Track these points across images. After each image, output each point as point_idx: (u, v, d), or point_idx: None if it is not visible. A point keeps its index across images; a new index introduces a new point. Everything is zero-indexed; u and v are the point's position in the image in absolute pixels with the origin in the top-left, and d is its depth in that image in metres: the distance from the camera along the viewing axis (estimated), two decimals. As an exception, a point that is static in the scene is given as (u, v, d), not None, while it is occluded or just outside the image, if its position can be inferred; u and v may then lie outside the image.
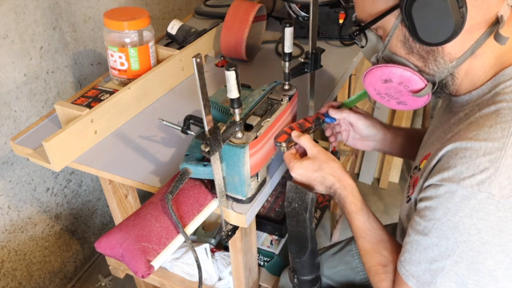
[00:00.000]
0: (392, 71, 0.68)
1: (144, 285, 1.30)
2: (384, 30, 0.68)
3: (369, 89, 0.75)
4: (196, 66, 0.57)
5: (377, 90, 0.74)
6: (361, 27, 0.70)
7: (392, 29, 0.66)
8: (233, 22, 1.15)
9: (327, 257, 1.10)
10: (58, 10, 1.24)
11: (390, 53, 0.69)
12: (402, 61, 0.68)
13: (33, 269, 1.43)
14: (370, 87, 0.74)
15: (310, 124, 0.87)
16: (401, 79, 0.68)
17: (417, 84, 0.68)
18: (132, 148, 0.94)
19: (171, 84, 1.13)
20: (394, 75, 0.68)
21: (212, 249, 1.17)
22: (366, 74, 0.72)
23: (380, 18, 0.66)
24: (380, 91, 0.73)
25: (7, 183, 1.25)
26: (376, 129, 0.93)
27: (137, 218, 0.73)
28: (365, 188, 2.12)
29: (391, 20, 0.65)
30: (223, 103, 0.82)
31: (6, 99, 1.17)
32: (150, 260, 0.69)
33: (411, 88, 0.69)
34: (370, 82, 0.73)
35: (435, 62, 0.66)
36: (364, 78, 0.73)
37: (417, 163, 0.77)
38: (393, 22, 0.65)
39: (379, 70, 0.70)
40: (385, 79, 0.70)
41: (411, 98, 0.71)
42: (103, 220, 1.71)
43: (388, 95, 0.73)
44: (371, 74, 0.71)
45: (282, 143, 0.81)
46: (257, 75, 1.17)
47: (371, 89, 0.74)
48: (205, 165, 0.75)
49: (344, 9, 1.21)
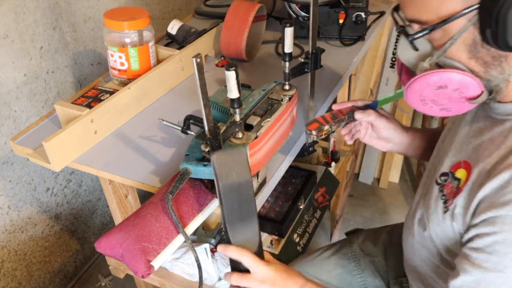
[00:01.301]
0: (451, 77, 0.63)
1: (144, 285, 1.30)
2: (445, 32, 0.63)
3: (412, 96, 0.69)
4: (196, 66, 0.57)
5: (423, 97, 0.68)
6: (426, 29, 0.63)
7: (460, 32, 0.61)
8: (233, 22, 1.15)
9: (322, 260, 1.08)
10: (58, 10, 1.24)
11: (445, 58, 0.65)
12: (459, 66, 0.64)
13: (33, 269, 1.43)
14: (415, 93, 0.68)
15: (343, 116, 0.85)
16: (459, 86, 0.64)
17: (474, 90, 0.64)
18: (132, 148, 0.94)
19: (171, 84, 1.13)
20: (452, 81, 0.64)
21: (212, 249, 1.17)
22: (416, 80, 0.66)
23: (452, 19, 0.60)
24: (426, 97, 0.68)
25: (7, 183, 1.25)
26: (396, 132, 0.92)
27: (137, 218, 0.72)
28: (365, 188, 2.12)
29: (460, 23, 0.60)
30: (223, 103, 0.82)
31: (6, 99, 1.17)
32: (150, 260, 0.69)
33: (466, 95, 0.64)
34: (419, 88, 0.67)
35: (498, 68, 0.62)
36: (412, 84, 0.67)
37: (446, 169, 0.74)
38: (462, 25, 0.60)
39: (435, 75, 0.64)
40: (440, 85, 0.65)
41: (459, 104, 0.67)
42: (103, 220, 1.71)
43: (433, 102, 0.68)
44: (423, 80, 0.66)
45: (312, 131, 0.80)
46: (257, 75, 1.17)
47: (416, 96, 0.68)
48: (205, 165, 0.75)
49: (344, 9, 1.21)
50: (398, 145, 0.95)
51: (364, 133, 0.93)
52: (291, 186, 1.36)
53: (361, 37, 1.28)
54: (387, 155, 2.06)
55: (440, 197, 0.74)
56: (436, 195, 0.75)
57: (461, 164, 0.71)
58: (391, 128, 0.91)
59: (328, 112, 0.86)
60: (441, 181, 0.75)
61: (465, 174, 0.69)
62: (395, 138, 0.93)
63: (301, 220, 1.31)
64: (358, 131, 0.93)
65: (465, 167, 0.69)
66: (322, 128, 0.81)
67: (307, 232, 1.31)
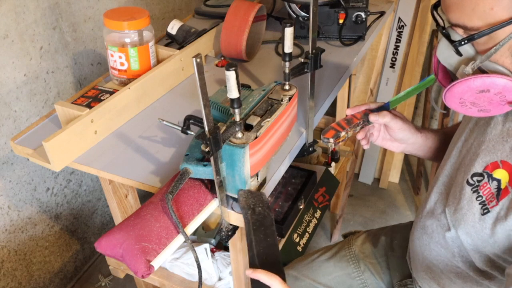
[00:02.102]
0: (495, 82, 0.63)
1: (144, 285, 1.30)
2: (491, 38, 0.63)
3: (452, 99, 0.68)
4: (196, 66, 0.57)
5: (463, 99, 0.68)
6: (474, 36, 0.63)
7: (507, 39, 0.61)
8: (233, 22, 1.15)
9: (321, 262, 1.07)
10: (58, 10, 1.24)
11: (489, 62, 0.65)
12: (503, 70, 0.64)
13: (33, 269, 1.43)
14: (455, 96, 0.68)
15: (358, 120, 0.85)
16: (502, 90, 0.64)
17: None
18: (132, 148, 0.94)
19: (171, 84, 1.13)
20: (495, 85, 0.63)
21: (212, 249, 1.17)
22: (458, 84, 0.66)
23: (500, 27, 0.60)
24: (466, 100, 0.68)
25: (7, 183, 1.25)
26: (411, 133, 0.92)
27: (137, 218, 0.73)
28: (365, 188, 2.12)
29: (507, 30, 0.60)
30: (223, 103, 0.82)
31: (6, 99, 1.17)
32: (150, 260, 0.69)
33: (508, 98, 0.65)
34: (460, 91, 0.67)
35: None
36: (453, 87, 0.67)
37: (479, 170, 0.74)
38: (509, 31, 0.60)
39: (479, 80, 0.64)
40: (482, 90, 0.65)
41: (499, 106, 0.67)
42: (103, 220, 1.71)
43: (473, 104, 0.68)
44: (465, 84, 0.65)
45: (330, 139, 0.80)
46: (257, 75, 1.17)
47: (456, 99, 0.68)
48: (205, 165, 0.75)
49: (344, 9, 1.21)
50: (411, 146, 0.94)
51: (377, 135, 0.93)
52: (291, 186, 1.36)
53: (361, 37, 1.28)
54: (387, 155, 2.06)
55: (475, 198, 0.73)
56: (470, 196, 0.74)
57: (498, 164, 0.70)
58: (406, 129, 0.90)
59: (342, 118, 0.86)
60: (474, 182, 0.74)
61: (506, 174, 0.69)
62: (409, 139, 0.92)
63: (301, 220, 1.31)
64: (371, 134, 0.93)
65: (505, 167, 0.69)
66: (339, 135, 0.82)
67: (307, 232, 1.31)
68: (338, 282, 1.04)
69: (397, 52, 1.91)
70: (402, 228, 1.07)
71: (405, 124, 0.90)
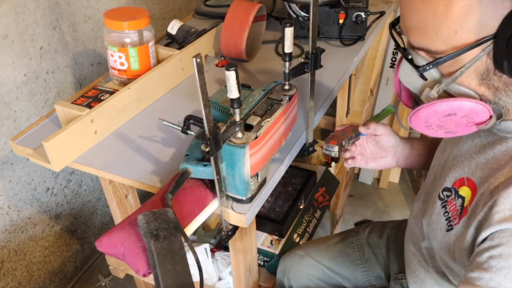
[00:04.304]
0: (461, 105, 0.61)
1: (144, 285, 1.30)
2: (457, 61, 0.60)
3: (417, 122, 0.66)
4: (196, 66, 0.57)
5: (429, 123, 0.66)
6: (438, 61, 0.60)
7: (472, 61, 0.58)
8: (233, 22, 1.15)
9: (328, 246, 1.11)
10: (58, 10, 1.24)
11: (455, 84, 0.62)
12: (469, 93, 0.62)
13: (33, 269, 1.43)
14: (421, 121, 0.66)
15: (351, 133, 0.89)
16: (468, 113, 0.61)
17: (484, 116, 0.62)
18: (132, 148, 0.94)
19: (171, 84, 1.13)
20: (462, 109, 0.61)
21: (212, 249, 1.17)
22: (423, 108, 0.64)
23: (465, 50, 0.57)
24: (432, 123, 0.66)
25: (7, 183, 1.25)
26: (399, 139, 0.94)
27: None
28: (365, 188, 2.12)
29: (473, 52, 0.58)
30: (223, 103, 0.82)
31: (6, 99, 1.17)
32: (150, 260, 0.68)
33: (475, 121, 0.63)
34: (426, 116, 0.64)
35: (509, 93, 0.60)
36: (418, 112, 0.64)
37: (449, 185, 0.73)
38: (475, 54, 0.58)
39: (444, 104, 0.61)
40: (449, 113, 0.63)
41: (466, 128, 0.65)
42: (103, 220, 1.71)
43: (439, 127, 0.66)
44: (430, 109, 0.63)
45: (334, 147, 0.82)
46: (257, 75, 1.17)
47: (422, 123, 0.66)
48: (205, 165, 0.75)
49: (344, 9, 1.21)
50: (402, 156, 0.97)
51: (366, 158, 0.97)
52: (291, 186, 1.36)
53: (361, 37, 1.28)
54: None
55: (443, 214, 0.73)
56: (439, 211, 0.74)
57: (464, 181, 0.69)
58: (393, 135, 0.93)
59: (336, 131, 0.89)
60: (444, 196, 0.74)
61: (469, 192, 0.67)
62: (398, 145, 0.95)
63: (301, 220, 1.31)
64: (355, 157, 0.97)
65: (469, 185, 0.68)
66: (342, 144, 0.84)
67: (307, 232, 1.31)
68: (342, 267, 1.07)
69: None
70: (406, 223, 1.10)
71: (391, 129, 0.92)
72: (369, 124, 0.90)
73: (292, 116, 0.87)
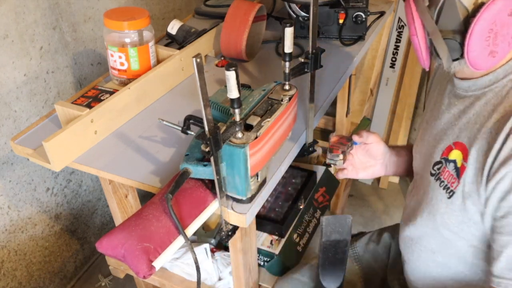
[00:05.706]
0: None
1: (144, 285, 1.30)
2: None
3: (482, 27, 0.61)
4: (196, 66, 0.57)
5: (495, 30, 0.61)
6: None
7: None
8: (233, 22, 1.15)
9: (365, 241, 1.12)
10: (58, 10, 1.24)
11: None
12: None
13: (33, 269, 1.43)
14: (485, 23, 0.61)
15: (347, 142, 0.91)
16: None
17: None
18: (132, 148, 0.94)
19: (171, 84, 1.13)
20: None
21: (212, 249, 1.17)
22: (488, 6, 0.60)
23: None
24: (498, 31, 0.61)
25: (7, 183, 1.25)
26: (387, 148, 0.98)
27: (138, 219, 0.72)
28: (365, 188, 2.12)
29: None
30: (223, 103, 0.82)
31: (6, 99, 1.17)
32: (152, 261, 0.69)
33: None
34: (494, 15, 0.60)
35: None
36: (483, 13, 0.60)
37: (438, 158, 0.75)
38: None
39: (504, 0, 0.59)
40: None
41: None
42: (103, 220, 1.71)
43: (504, 36, 0.62)
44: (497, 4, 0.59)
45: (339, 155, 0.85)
46: (257, 75, 1.17)
47: (485, 28, 0.61)
48: (205, 165, 0.75)
49: (344, 9, 1.21)
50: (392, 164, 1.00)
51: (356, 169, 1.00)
52: (291, 186, 1.36)
53: (361, 37, 1.28)
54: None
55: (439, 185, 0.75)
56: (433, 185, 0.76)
57: (451, 147, 0.72)
58: (382, 142, 0.97)
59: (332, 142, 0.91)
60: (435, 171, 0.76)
61: (459, 153, 0.70)
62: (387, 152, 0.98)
63: (301, 220, 1.31)
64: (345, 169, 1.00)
65: (458, 147, 0.70)
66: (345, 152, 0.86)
67: (307, 232, 1.31)
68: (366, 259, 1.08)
69: (397, 52, 1.91)
70: None
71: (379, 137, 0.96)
72: (361, 133, 0.93)
73: (292, 116, 0.87)
